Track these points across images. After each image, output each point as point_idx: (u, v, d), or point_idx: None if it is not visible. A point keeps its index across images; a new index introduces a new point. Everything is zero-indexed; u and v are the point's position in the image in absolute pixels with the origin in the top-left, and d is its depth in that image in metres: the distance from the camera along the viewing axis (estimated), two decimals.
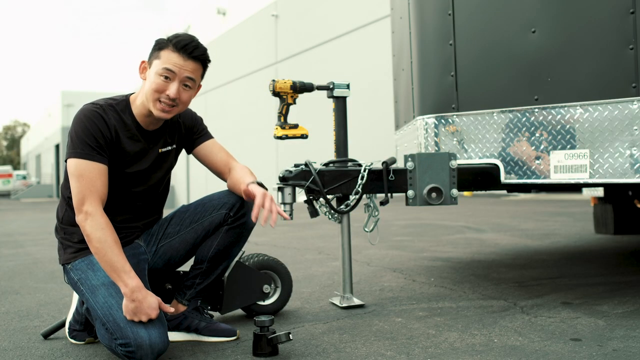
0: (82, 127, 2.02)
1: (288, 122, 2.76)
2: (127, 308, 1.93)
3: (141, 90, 2.13)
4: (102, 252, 1.95)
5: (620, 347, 2.02)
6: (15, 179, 47.99)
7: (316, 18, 17.59)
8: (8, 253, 5.54)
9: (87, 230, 1.96)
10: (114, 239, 1.97)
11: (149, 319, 1.93)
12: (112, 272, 1.95)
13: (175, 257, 2.31)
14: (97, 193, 2.00)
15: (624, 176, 2.42)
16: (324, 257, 4.48)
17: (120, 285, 1.94)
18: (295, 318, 2.59)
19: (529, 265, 3.78)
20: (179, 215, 2.32)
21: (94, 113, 2.05)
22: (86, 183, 1.99)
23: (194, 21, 27.83)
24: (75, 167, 2.00)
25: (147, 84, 2.09)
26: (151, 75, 2.07)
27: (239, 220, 2.26)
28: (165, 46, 2.06)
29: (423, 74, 3.06)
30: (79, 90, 45.96)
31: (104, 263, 1.96)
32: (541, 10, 2.64)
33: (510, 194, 13.03)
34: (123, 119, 2.11)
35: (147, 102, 2.10)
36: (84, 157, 2.00)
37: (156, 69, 2.06)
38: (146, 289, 1.96)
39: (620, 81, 2.44)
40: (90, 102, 2.11)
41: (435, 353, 2.03)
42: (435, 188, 2.65)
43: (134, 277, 1.95)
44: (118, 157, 2.10)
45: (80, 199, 1.98)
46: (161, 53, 2.06)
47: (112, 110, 2.10)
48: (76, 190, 1.99)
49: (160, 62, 2.05)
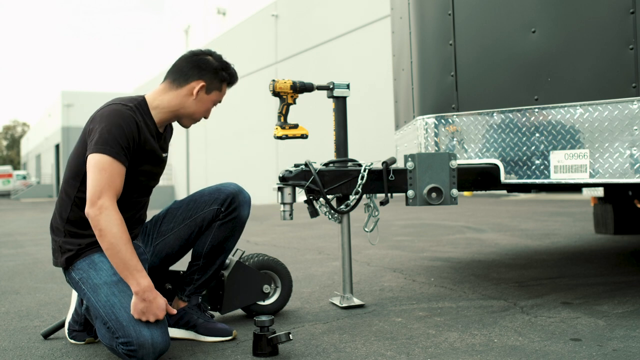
0: (118, 127, 2.03)
1: (288, 122, 2.76)
2: (136, 307, 1.93)
3: (175, 97, 2.20)
4: (117, 248, 1.94)
5: (620, 347, 2.03)
6: (15, 179, 47.97)
7: (316, 18, 17.58)
8: (8, 253, 5.54)
9: (102, 224, 1.94)
10: (127, 237, 1.97)
11: (155, 320, 1.93)
12: (125, 269, 1.95)
13: (171, 254, 2.34)
14: (115, 190, 2.00)
15: (624, 176, 2.42)
16: (324, 257, 4.48)
17: (132, 284, 1.94)
18: (295, 318, 2.59)
19: (529, 265, 3.78)
20: (171, 212, 2.34)
21: (130, 117, 2.08)
22: (107, 177, 1.99)
23: (194, 21, 27.82)
24: (99, 161, 1.99)
25: (197, 103, 2.21)
26: (206, 101, 2.23)
27: (231, 215, 2.29)
28: (225, 79, 2.25)
29: (423, 74, 3.06)
30: (79, 90, 45.95)
31: (117, 260, 1.95)
32: (541, 10, 2.64)
33: (510, 194, 13.02)
34: (146, 120, 2.17)
35: (185, 118, 2.24)
36: (113, 155, 2.00)
37: (214, 98, 2.25)
38: (156, 290, 1.97)
39: (620, 81, 2.44)
40: (119, 103, 2.12)
41: (435, 353, 2.03)
42: (435, 188, 2.65)
43: (145, 276, 1.96)
44: (138, 156, 2.13)
45: (98, 191, 1.96)
46: (222, 86, 2.26)
47: (139, 112, 2.14)
48: (95, 182, 1.97)
49: (220, 94, 2.27)
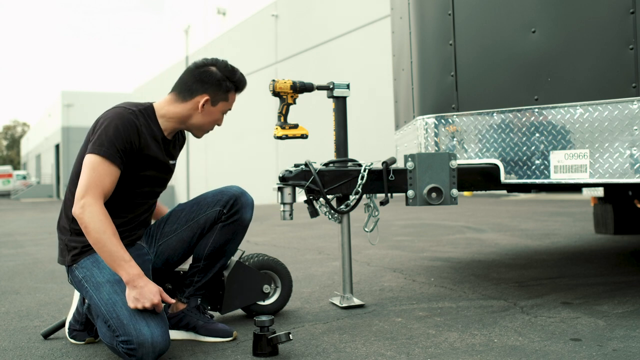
0: (115, 129, 2.06)
1: (288, 122, 2.76)
2: (129, 296, 1.95)
3: (182, 110, 2.21)
4: (102, 242, 1.96)
5: (620, 347, 2.03)
6: (15, 179, 47.99)
7: (316, 18, 17.58)
8: (8, 253, 5.54)
9: (86, 220, 1.98)
10: (112, 230, 1.99)
11: (152, 307, 1.94)
12: (113, 261, 1.97)
13: (174, 256, 2.35)
14: (103, 188, 2.03)
15: (624, 176, 2.42)
16: (324, 257, 4.48)
17: (122, 274, 1.96)
18: (295, 318, 2.59)
19: (529, 265, 3.78)
20: (175, 214, 2.36)
21: (129, 119, 2.10)
22: (96, 176, 2.02)
23: (194, 21, 27.82)
24: (92, 161, 2.04)
25: (204, 116, 2.23)
26: (213, 113, 2.24)
27: (233, 217, 2.30)
28: (231, 89, 2.24)
29: (423, 74, 3.06)
30: (79, 90, 45.95)
31: (104, 254, 1.98)
32: (541, 10, 2.64)
33: (510, 194, 13.01)
34: (151, 126, 2.18)
35: (195, 129, 2.26)
36: (106, 155, 2.03)
37: (221, 109, 2.26)
38: (147, 277, 1.99)
39: (620, 81, 2.44)
40: (122, 107, 2.15)
41: (435, 353, 2.03)
42: (435, 188, 2.65)
43: (134, 265, 1.97)
44: (140, 160, 2.14)
45: (84, 189, 2.00)
46: (229, 96, 2.25)
47: (142, 116, 2.16)
48: (83, 181, 2.02)
49: (227, 104, 2.27)
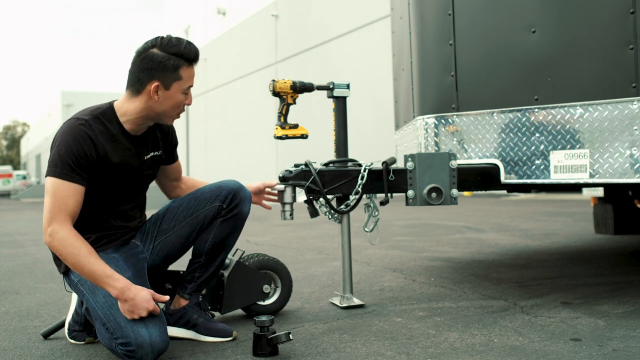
0: (66, 146, 1.99)
1: (288, 122, 2.76)
2: (123, 309, 1.93)
3: (139, 104, 2.09)
4: (80, 265, 1.94)
5: (620, 347, 2.03)
6: (15, 179, 47.95)
7: (316, 18, 17.58)
8: (8, 253, 5.54)
9: (57, 248, 1.95)
10: (87, 249, 1.96)
11: (148, 313, 1.94)
12: (96, 281, 1.95)
13: (172, 253, 2.33)
14: (67, 210, 1.98)
15: (624, 176, 2.42)
16: (324, 257, 4.48)
17: (109, 290, 1.94)
18: (295, 318, 2.59)
19: (529, 265, 3.78)
20: (171, 210, 2.33)
21: (80, 132, 2.01)
22: (57, 200, 1.97)
23: (194, 21, 27.82)
24: (50, 185, 1.99)
25: (163, 102, 2.07)
26: (171, 96, 2.08)
27: (233, 212, 2.28)
28: (180, 64, 2.05)
29: (423, 74, 3.06)
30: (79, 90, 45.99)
31: (86, 275, 1.96)
32: (541, 10, 2.64)
33: (510, 194, 13.02)
34: (110, 130, 2.09)
35: (161, 117, 2.12)
36: (61, 176, 1.98)
37: (180, 88, 2.08)
38: (135, 285, 1.96)
39: (620, 81, 2.44)
40: (75, 117, 2.07)
41: (435, 353, 2.03)
42: (435, 188, 2.65)
43: (118, 278, 1.94)
44: (106, 169, 2.09)
45: (48, 218, 1.97)
46: (180, 73, 2.06)
47: (98, 123, 2.07)
48: (47, 207, 1.98)
49: (183, 82, 2.08)
